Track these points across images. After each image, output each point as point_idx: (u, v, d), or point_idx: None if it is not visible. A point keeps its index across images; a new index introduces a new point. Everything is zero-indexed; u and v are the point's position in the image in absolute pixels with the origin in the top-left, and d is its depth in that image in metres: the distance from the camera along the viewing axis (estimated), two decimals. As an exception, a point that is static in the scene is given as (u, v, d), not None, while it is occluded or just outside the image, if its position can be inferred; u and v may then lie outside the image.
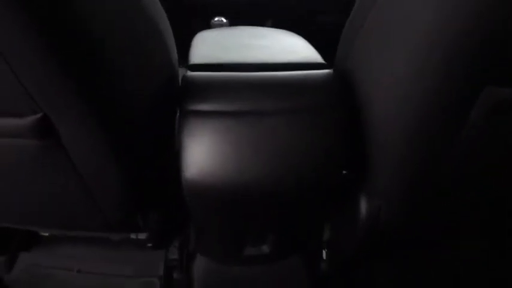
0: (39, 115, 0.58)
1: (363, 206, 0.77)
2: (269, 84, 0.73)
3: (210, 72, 0.75)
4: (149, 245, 0.96)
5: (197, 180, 0.70)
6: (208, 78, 0.74)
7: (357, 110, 0.72)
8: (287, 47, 0.89)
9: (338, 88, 0.74)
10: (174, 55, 0.82)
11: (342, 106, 0.72)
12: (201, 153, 0.69)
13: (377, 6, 0.66)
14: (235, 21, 1.74)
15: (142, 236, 0.95)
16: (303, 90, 0.73)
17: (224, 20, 1.75)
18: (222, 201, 0.75)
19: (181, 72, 0.83)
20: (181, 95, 0.72)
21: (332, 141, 0.71)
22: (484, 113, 0.59)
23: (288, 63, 0.78)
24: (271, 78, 0.74)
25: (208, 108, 0.70)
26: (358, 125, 0.72)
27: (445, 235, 0.94)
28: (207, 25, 1.76)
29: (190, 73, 0.76)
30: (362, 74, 0.72)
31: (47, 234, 1.21)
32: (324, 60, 0.84)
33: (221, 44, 0.91)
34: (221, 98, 0.71)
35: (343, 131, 0.72)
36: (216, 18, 1.75)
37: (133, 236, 0.98)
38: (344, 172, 0.77)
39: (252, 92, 0.72)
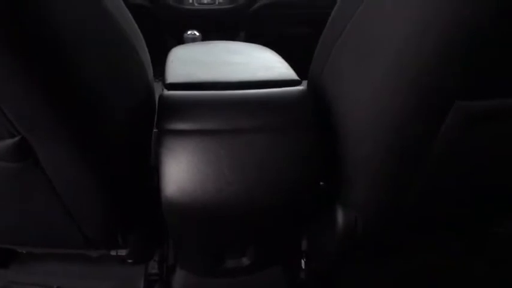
0: (17, 138, 0.58)
1: (340, 216, 0.78)
2: (245, 103, 0.74)
3: (187, 91, 0.76)
4: (129, 261, 0.96)
5: (176, 198, 0.71)
6: (185, 98, 0.75)
7: (332, 125, 0.73)
8: (262, 63, 0.90)
9: (312, 104, 0.75)
10: (150, 71, 0.83)
11: (316, 122, 0.73)
12: (180, 171, 0.70)
13: (353, 22, 0.67)
14: (207, 34, 1.75)
15: (122, 252, 0.95)
16: (278, 107, 0.74)
17: (197, 34, 1.75)
18: (201, 218, 0.76)
19: (156, 86, 0.83)
20: (159, 114, 0.73)
21: (308, 157, 0.72)
22: (456, 126, 0.61)
23: (263, 80, 0.79)
24: (247, 97, 0.75)
25: (186, 127, 0.71)
26: (333, 139, 0.73)
27: (423, 240, 0.96)
28: (180, 38, 1.77)
29: (167, 92, 0.76)
30: (337, 88, 0.73)
31: (24, 251, 1.20)
32: (296, 70, 0.86)
33: (196, 61, 0.92)
34: (198, 117, 0.72)
35: (318, 146, 0.73)
36: (188, 32, 1.76)
37: (113, 252, 0.98)
38: (321, 183, 0.79)
39: (229, 111, 0.73)
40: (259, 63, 0.90)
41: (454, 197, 0.77)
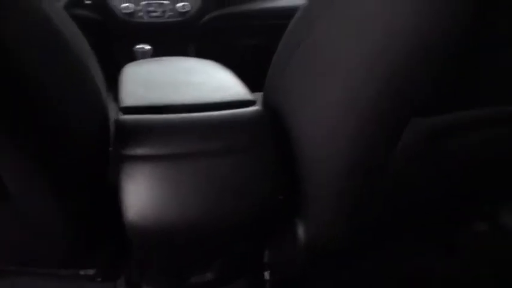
0: None
1: (301, 230, 0.79)
2: (202, 126, 0.75)
3: (144, 115, 0.76)
4: (98, 279, 0.96)
5: (138, 222, 0.72)
6: (142, 122, 0.75)
7: (288, 143, 0.75)
8: (217, 83, 0.91)
9: (268, 123, 0.77)
10: (104, 92, 0.82)
11: (273, 141, 0.75)
12: (140, 196, 0.71)
13: (311, 38, 0.68)
14: (158, 47, 1.75)
15: (90, 272, 0.96)
16: (234, 129, 0.76)
17: (147, 47, 1.75)
18: (164, 241, 0.76)
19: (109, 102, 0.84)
20: (116, 139, 0.73)
21: (267, 176, 0.74)
22: (413, 142, 0.64)
23: (220, 102, 0.80)
24: (203, 120, 0.76)
25: (144, 152, 0.71)
26: (290, 157, 0.75)
27: (391, 246, 0.98)
28: (131, 52, 1.77)
29: (123, 116, 0.76)
30: (292, 106, 0.74)
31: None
32: (249, 83, 0.88)
33: (151, 82, 0.92)
34: (156, 142, 0.72)
35: (276, 165, 0.74)
36: (139, 46, 1.76)
37: (82, 272, 0.98)
38: (281, 197, 0.80)
39: (186, 135, 0.74)
40: (214, 83, 0.91)
41: (417, 207, 0.80)
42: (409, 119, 0.62)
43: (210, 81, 0.92)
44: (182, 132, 0.74)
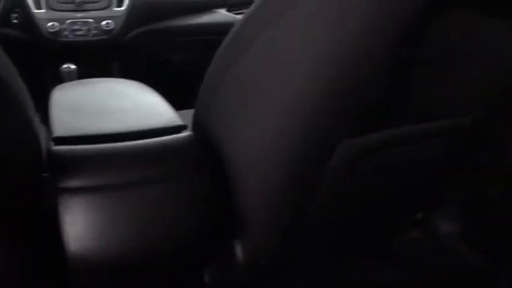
0: None
1: (238, 248, 0.80)
2: (134, 155, 0.76)
3: (76, 145, 0.76)
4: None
5: (79, 255, 0.72)
6: (75, 153, 0.75)
7: (223, 166, 0.76)
8: (146, 109, 0.92)
9: (200, 148, 0.78)
10: (33, 116, 0.79)
11: (206, 165, 0.77)
12: (79, 230, 0.71)
13: (244, 59, 0.69)
14: (84, 66, 1.75)
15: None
16: (166, 157, 0.77)
17: (72, 67, 1.75)
18: (103, 270, 0.76)
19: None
20: (51, 171, 0.73)
21: (201, 201, 0.76)
22: (344, 161, 0.66)
23: (151, 129, 0.81)
24: (135, 149, 0.76)
25: (79, 184, 0.71)
26: (223, 180, 0.76)
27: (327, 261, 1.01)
28: (57, 71, 1.75)
29: (56, 147, 0.76)
30: (223, 127, 0.76)
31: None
32: (174, 100, 0.90)
33: (82, 109, 0.91)
34: (90, 174, 0.73)
35: (210, 189, 0.76)
36: (64, 65, 1.75)
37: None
38: (216, 217, 0.80)
39: (119, 165, 0.74)
40: (144, 108, 0.92)
41: (353, 219, 0.82)
42: (343, 137, 0.64)
43: (139, 107, 0.93)
44: (114, 162, 0.75)
